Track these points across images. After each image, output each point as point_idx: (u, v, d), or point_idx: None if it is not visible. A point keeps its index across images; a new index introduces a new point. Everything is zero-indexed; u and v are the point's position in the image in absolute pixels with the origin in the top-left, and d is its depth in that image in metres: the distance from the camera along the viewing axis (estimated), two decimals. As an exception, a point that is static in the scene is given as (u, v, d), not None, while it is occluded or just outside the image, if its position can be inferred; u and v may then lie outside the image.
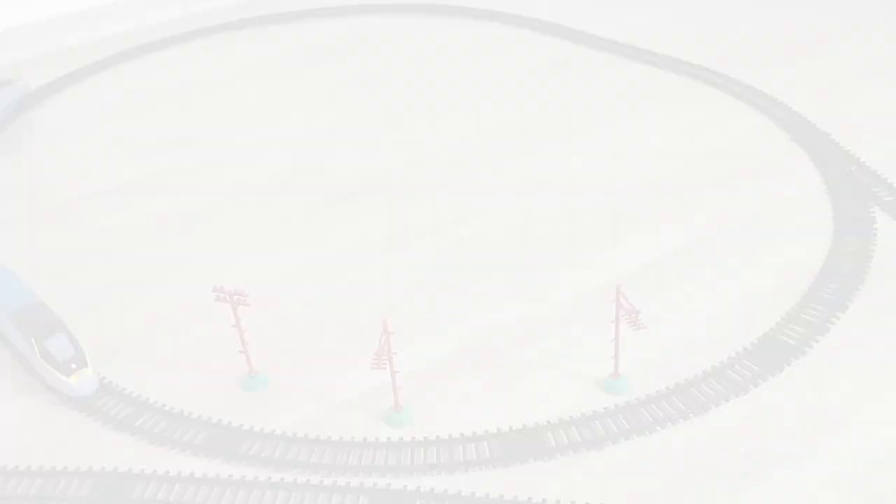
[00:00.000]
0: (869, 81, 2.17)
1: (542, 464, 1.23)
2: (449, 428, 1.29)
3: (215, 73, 2.55)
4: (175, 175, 2.02)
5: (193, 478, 1.23)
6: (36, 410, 1.38)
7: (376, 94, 2.33)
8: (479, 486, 1.20)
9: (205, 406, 1.37)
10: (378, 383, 1.38)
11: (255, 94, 2.39)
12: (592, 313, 1.49)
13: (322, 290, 1.60)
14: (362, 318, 1.53)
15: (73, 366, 1.37)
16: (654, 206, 1.76)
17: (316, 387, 1.39)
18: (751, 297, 1.50)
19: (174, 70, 2.60)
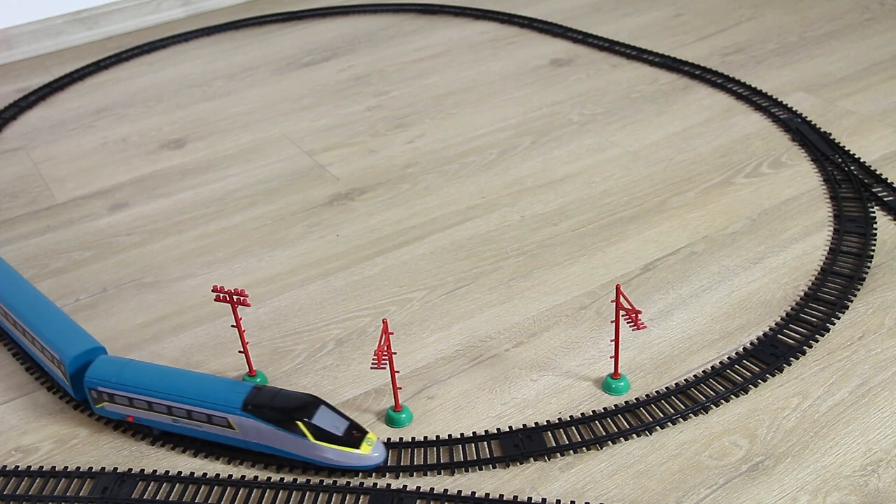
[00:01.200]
0: (869, 81, 2.17)
1: (542, 464, 1.23)
2: (449, 428, 1.29)
3: (215, 73, 2.56)
4: (174, 175, 2.02)
5: (193, 478, 1.24)
6: (36, 410, 1.38)
7: (376, 93, 2.34)
8: (479, 486, 1.20)
9: (205, 406, 1.37)
10: (378, 383, 1.38)
11: (255, 94, 2.39)
12: (592, 313, 1.49)
13: (322, 290, 1.60)
14: (362, 318, 1.53)
15: (356, 434, 1.22)
16: (653, 206, 1.76)
17: (316, 387, 1.39)
18: (751, 297, 1.50)
19: (174, 70, 2.60)
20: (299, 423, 1.19)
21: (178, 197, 1.94)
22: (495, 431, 1.28)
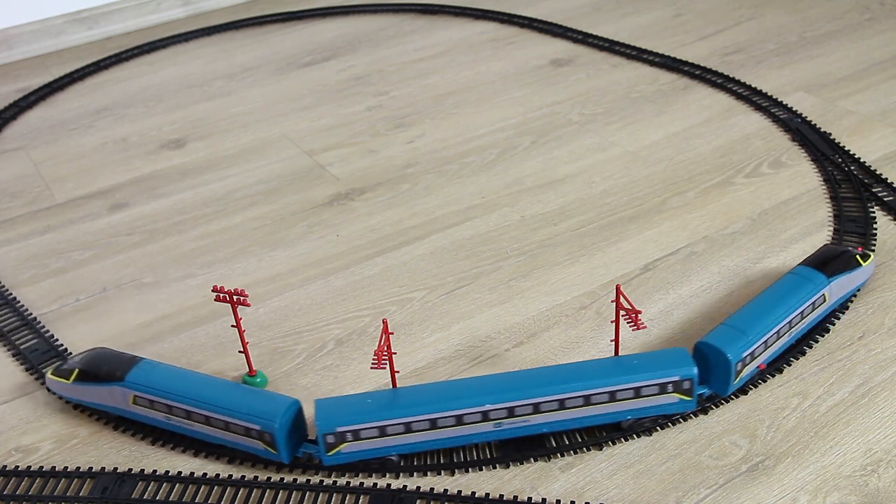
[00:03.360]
0: (869, 81, 2.17)
1: (542, 464, 1.23)
2: (449, 428, 1.29)
3: (215, 73, 2.56)
4: (174, 175, 2.02)
5: (193, 478, 1.24)
6: (36, 410, 1.38)
7: (376, 93, 2.34)
8: (479, 486, 1.20)
9: (205, 406, 1.36)
10: (378, 383, 1.38)
11: (255, 94, 2.39)
12: (592, 313, 1.49)
13: (322, 290, 1.60)
14: (362, 318, 1.53)
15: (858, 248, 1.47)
16: (653, 206, 1.76)
17: (316, 387, 1.39)
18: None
19: (173, 70, 2.60)
20: (857, 258, 1.43)
21: (178, 197, 1.94)
22: (495, 431, 1.28)
